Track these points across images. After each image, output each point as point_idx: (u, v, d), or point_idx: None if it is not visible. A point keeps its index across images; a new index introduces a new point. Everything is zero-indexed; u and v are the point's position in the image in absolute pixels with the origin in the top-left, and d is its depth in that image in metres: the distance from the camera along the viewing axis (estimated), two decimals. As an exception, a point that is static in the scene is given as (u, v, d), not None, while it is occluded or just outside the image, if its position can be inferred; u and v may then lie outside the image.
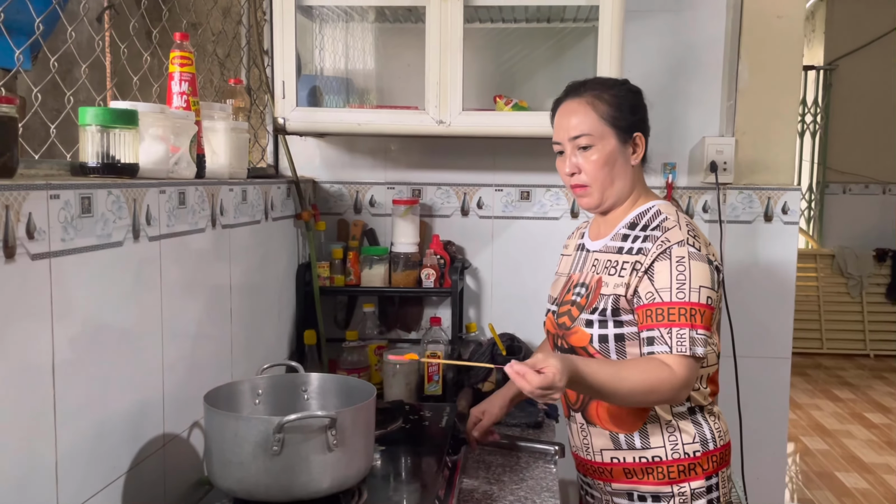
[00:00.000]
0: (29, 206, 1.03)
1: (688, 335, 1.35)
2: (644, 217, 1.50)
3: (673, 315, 1.36)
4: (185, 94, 1.56)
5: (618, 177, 1.48)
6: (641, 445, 1.47)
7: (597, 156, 1.47)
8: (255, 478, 1.23)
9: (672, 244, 1.40)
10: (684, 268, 1.38)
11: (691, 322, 1.35)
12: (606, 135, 1.46)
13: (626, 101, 1.49)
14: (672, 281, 1.38)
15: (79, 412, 1.15)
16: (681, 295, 1.36)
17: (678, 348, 1.35)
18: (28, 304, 1.04)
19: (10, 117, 1.06)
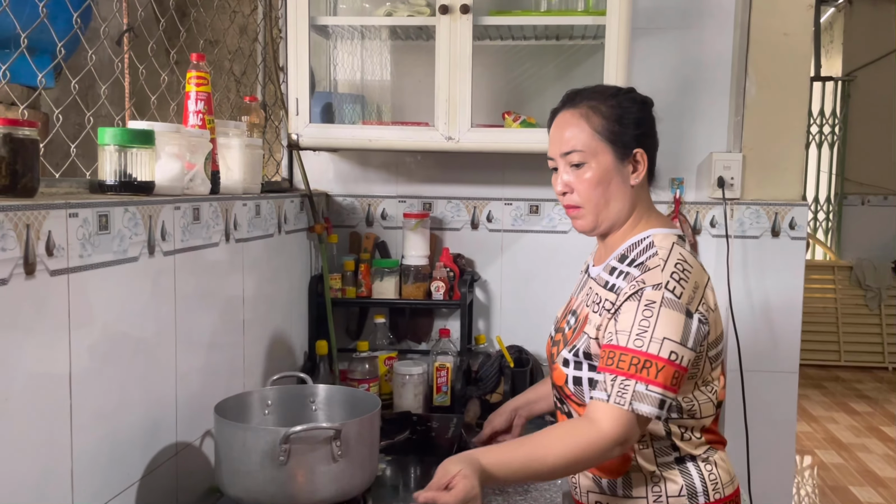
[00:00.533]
0: (49, 225, 1.08)
1: (632, 388, 1.18)
2: (636, 249, 1.32)
3: (623, 362, 1.19)
4: (200, 112, 1.61)
5: (613, 198, 1.32)
6: (624, 494, 1.34)
7: (590, 174, 1.31)
8: (262, 486, 1.28)
9: (646, 286, 1.23)
10: (651, 314, 1.20)
11: (641, 375, 1.18)
12: (601, 151, 1.30)
13: (628, 112, 1.32)
14: (633, 325, 1.21)
15: (94, 421, 1.20)
16: (638, 343, 1.19)
17: (616, 399, 1.19)
18: (47, 318, 1.09)
19: (31, 140, 1.11)
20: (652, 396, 1.18)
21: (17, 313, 1.02)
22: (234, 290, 1.72)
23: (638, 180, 1.33)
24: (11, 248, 1.00)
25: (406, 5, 2.04)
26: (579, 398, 1.34)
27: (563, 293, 2.31)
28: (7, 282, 1.00)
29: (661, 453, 1.32)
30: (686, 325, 1.21)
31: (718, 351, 1.32)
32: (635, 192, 1.35)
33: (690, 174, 2.28)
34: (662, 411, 1.20)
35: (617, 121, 1.31)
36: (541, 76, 2.30)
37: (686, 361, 1.21)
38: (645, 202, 1.38)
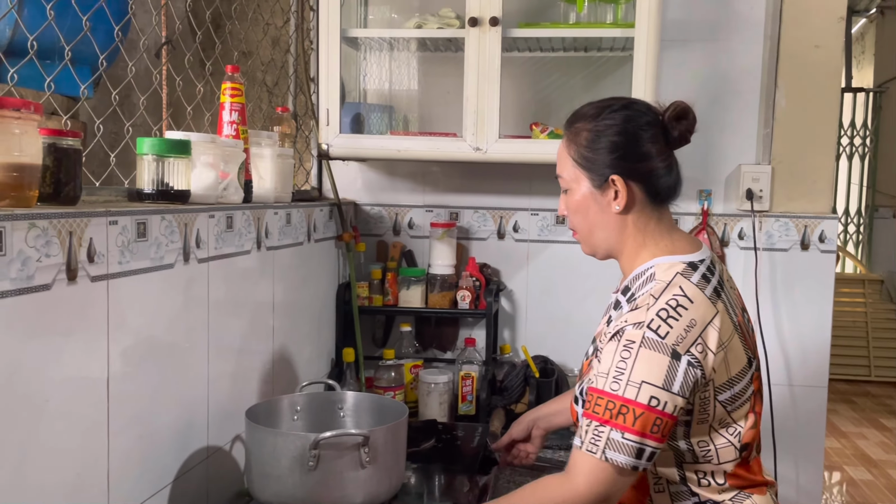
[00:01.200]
0: (90, 232, 1.11)
1: (606, 435, 1.11)
2: (637, 281, 1.24)
3: (599, 407, 1.12)
4: (234, 123, 1.65)
5: (596, 226, 1.27)
6: None
7: (570, 200, 1.29)
8: (291, 491, 1.30)
9: (628, 324, 1.15)
10: (629, 355, 1.12)
11: (615, 421, 1.10)
12: (580, 178, 1.26)
13: (603, 135, 1.23)
14: (611, 368, 1.13)
15: (130, 423, 1.23)
16: (614, 386, 1.12)
17: (588, 446, 1.12)
18: (87, 323, 1.12)
19: (74, 149, 1.15)
20: (628, 445, 1.10)
21: (59, 317, 1.05)
22: (265, 297, 1.75)
23: (619, 208, 1.24)
24: (55, 255, 1.04)
25: (436, 17, 2.07)
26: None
27: (588, 304, 2.34)
28: (50, 287, 1.03)
29: (679, 498, 1.24)
30: (670, 367, 1.11)
31: (735, 393, 1.19)
32: (627, 219, 1.26)
33: (718, 186, 2.27)
34: (641, 461, 1.11)
35: (591, 146, 1.24)
36: (569, 87, 2.31)
37: (672, 408, 1.11)
38: (648, 227, 1.27)
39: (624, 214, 1.25)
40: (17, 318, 0.97)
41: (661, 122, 1.24)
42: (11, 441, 0.97)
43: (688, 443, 1.20)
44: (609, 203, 1.24)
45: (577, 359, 2.32)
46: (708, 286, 1.20)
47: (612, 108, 1.25)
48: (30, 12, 1.71)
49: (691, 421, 1.18)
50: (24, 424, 0.99)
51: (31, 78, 1.60)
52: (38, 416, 1.02)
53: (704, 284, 1.19)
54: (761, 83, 2.23)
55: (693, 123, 1.24)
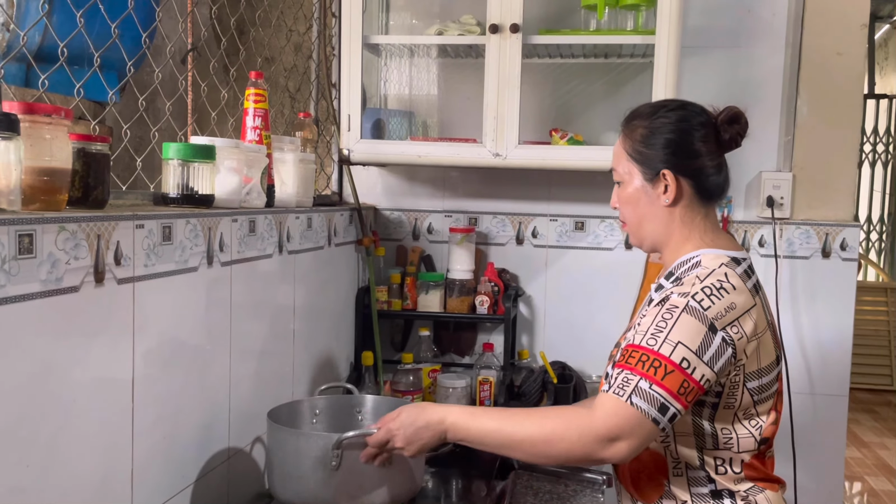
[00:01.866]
0: (117, 235, 1.13)
1: (635, 383, 1.13)
2: (682, 268, 1.29)
3: (633, 359, 1.16)
4: (258, 128, 1.67)
5: (645, 218, 1.33)
6: None
7: (623, 192, 1.35)
8: (313, 491, 1.32)
9: (674, 293, 1.20)
10: (671, 317, 1.17)
11: (647, 372, 1.14)
12: (632, 171, 1.32)
13: (659, 132, 1.29)
14: (651, 326, 1.18)
15: (154, 424, 1.25)
16: (651, 341, 1.15)
17: (616, 390, 1.14)
18: (113, 325, 1.14)
19: (103, 154, 1.17)
20: (654, 397, 1.13)
21: (87, 319, 1.08)
22: (286, 300, 1.77)
23: (668, 201, 1.29)
24: (83, 257, 1.06)
25: (457, 24, 2.08)
26: None
27: (607, 310, 2.34)
28: (78, 289, 1.05)
29: (696, 483, 1.26)
30: (706, 337, 1.16)
31: (763, 384, 1.24)
32: (675, 212, 1.31)
33: (739, 193, 2.26)
34: (663, 418, 1.13)
35: (645, 141, 1.30)
36: (588, 94, 2.32)
37: (700, 376, 1.14)
38: (695, 222, 1.32)
39: (672, 208, 1.30)
40: (46, 320, 0.99)
41: (714, 125, 1.31)
42: (40, 440, 1.00)
43: (712, 426, 1.23)
44: (658, 196, 1.30)
45: (595, 365, 2.33)
46: (749, 281, 1.26)
47: (668, 108, 1.33)
48: (58, 18, 1.75)
49: (718, 404, 1.22)
50: (52, 424, 1.02)
51: (59, 83, 1.63)
52: (65, 415, 1.04)
53: (746, 278, 1.25)
54: (782, 90, 2.22)
55: (745, 128, 1.32)
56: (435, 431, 1.24)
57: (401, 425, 1.25)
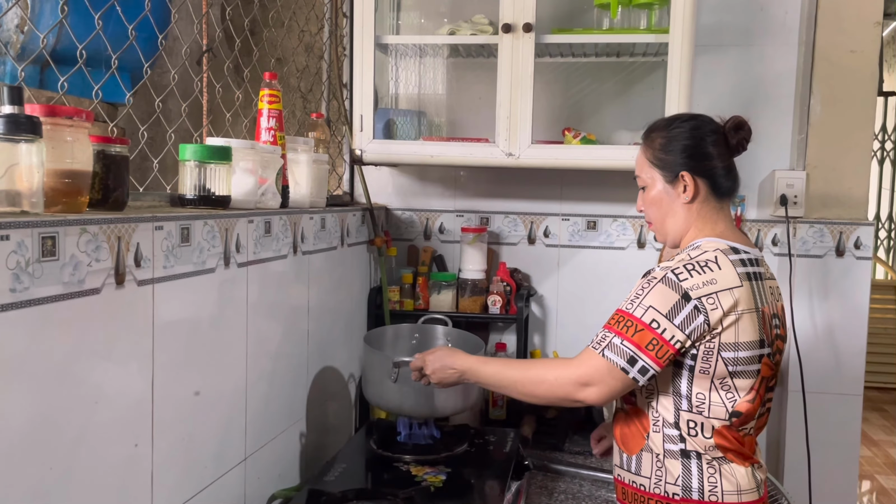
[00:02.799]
0: (137, 237, 1.13)
1: (609, 339, 1.35)
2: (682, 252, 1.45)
3: (612, 320, 1.37)
4: (272, 129, 1.67)
5: (668, 216, 1.49)
6: (635, 470, 1.46)
7: (648, 196, 1.51)
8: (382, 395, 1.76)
9: (658, 267, 1.40)
10: (648, 285, 1.36)
11: (620, 330, 1.34)
12: (655, 176, 1.48)
13: (676, 140, 1.46)
14: (632, 294, 1.38)
15: (173, 425, 1.25)
16: (629, 306, 1.36)
17: (594, 344, 1.37)
18: (134, 326, 1.14)
19: (122, 156, 1.18)
20: (624, 350, 1.33)
21: (108, 321, 1.08)
22: (300, 301, 1.77)
23: (687, 198, 1.46)
24: (104, 259, 1.06)
25: (469, 24, 2.08)
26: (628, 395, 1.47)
27: (620, 309, 2.32)
28: (100, 291, 1.05)
29: (669, 441, 1.41)
30: (677, 304, 1.32)
31: (739, 358, 1.35)
32: (692, 208, 1.47)
33: (752, 192, 2.25)
34: (633, 368, 1.33)
35: (664, 149, 1.47)
36: (600, 93, 2.31)
37: (670, 336, 1.32)
38: (706, 217, 1.47)
39: (690, 205, 1.46)
40: (69, 322, 1.00)
41: (723, 132, 1.46)
42: (62, 442, 1.00)
43: (689, 389, 1.38)
44: (679, 195, 1.46)
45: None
46: (742, 268, 1.38)
47: (681, 119, 1.50)
48: (73, 20, 1.75)
49: (694, 367, 1.36)
50: (75, 426, 1.02)
51: (73, 84, 1.64)
52: (87, 417, 1.04)
53: (739, 264, 1.38)
54: (796, 88, 2.21)
55: (749, 133, 1.47)
56: (455, 371, 1.54)
57: (432, 360, 1.57)
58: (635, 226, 2.34)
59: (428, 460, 1.70)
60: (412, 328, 1.99)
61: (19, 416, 0.92)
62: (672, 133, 1.47)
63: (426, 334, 1.99)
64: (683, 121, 1.49)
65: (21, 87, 0.94)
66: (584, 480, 1.89)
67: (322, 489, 1.47)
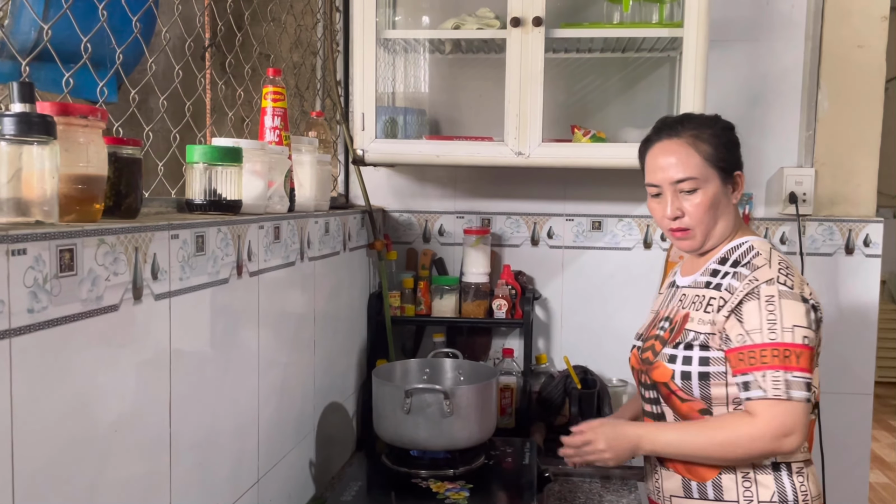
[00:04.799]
0: (154, 247, 1.03)
1: (784, 378, 1.28)
2: (735, 252, 1.44)
3: (766, 357, 1.29)
4: (277, 128, 1.57)
5: (720, 218, 1.44)
6: (714, 496, 1.38)
7: (701, 198, 1.42)
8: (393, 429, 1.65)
9: (761, 283, 1.34)
10: (774, 307, 1.31)
11: (785, 364, 1.28)
12: (711, 177, 1.42)
13: (725, 139, 1.45)
14: (762, 321, 1.31)
15: (190, 447, 1.15)
16: (772, 335, 1.29)
17: (774, 392, 1.28)
18: (151, 343, 1.04)
19: (134, 159, 1.07)
20: (800, 382, 1.28)
21: (127, 339, 0.98)
22: (307, 309, 1.68)
23: (737, 199, 1.48)
24: (122, 273, 0.96)
25: (474, 18, 2.00)
26: (687, 393, 1.40)
27: (626, 312, 2.28)
28: (118, 307, 0.95)
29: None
30: (807, 310, 1.32)
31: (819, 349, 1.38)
32: (735, 209, 1.49)
33: (759, 189, 2.22)
34: (810, 394, 1.29)
35: (718, 147, 1.43)
36: (604, 89, 2.25)
37: (815, 344, 1.33)
38: (739, 218, 1.51)
39: (734, 205, 1.47)
40: (88, 343, 0.90)
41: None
42: (87, 465, 0.90)
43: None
44: (730, 196, 1.46)
45: (615, 368, 2.27)
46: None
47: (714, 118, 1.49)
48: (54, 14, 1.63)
49: None
50: (96, 450, 0.92)
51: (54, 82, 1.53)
52: (108, 440, 0.94)
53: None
54: (803, 84, 2.18)
55: None
56: (630, 442, 1.41)
57: (603, 432, 1.43)
58: (641, 226, 2.29)
59: (447, 476, 1.62)
60: (421, 363, 1.92)
61: (42, 448, 0.82)
62: (724, 130, 1.46)
63: (436, 368, 1.91)
64: (716, 119, 1.49)
65: (32, 83, 0.84)
66: (602, 488, 1.83)
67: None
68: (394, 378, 1.83)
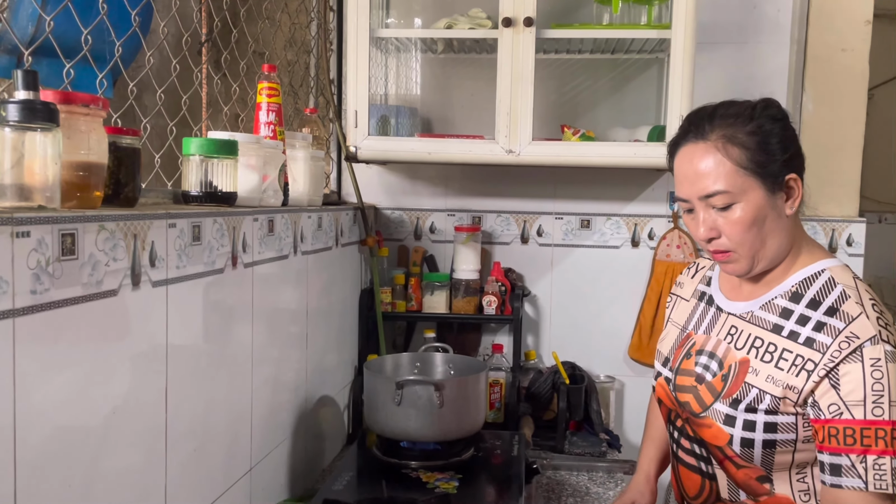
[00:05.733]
0: (152, 235, 1.06)
1: (889, 465, 1.04)
2: (812, 286, 1.15)
3: (868, 438, 1.05)
4: (272, 123, 1.60)
5: (770, 235, 1.14)
6: None
7: (740, 214, 1.13)
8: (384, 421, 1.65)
9: (863, 341, 1.07)
10: (882, 374, 1.05)
11: (894, 448, 1.04)
12: (750, 187, 1.12)
13: (772, 135, 1.14)
14: (867, 392, 1.05)
15: (185, 435, 1.18)
16: (878, 412, 1.05)
17: (877, 483, 1.04)
18: (148, 330, 1.06)
19: (133, 149, 1.10)
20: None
21: (124, 325, 1.00)
22: (299, 303, 1.70)
23: (794, 208, 1.16)
24: (121, 259, 0.98)
25: (466, 18, 2.03)
26: (746, 460, 1.18)
27: (614, 309, 2.31)
28: (117, 292, 0.98)
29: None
30: None
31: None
32: (793, 222, 1.18)
33: (745, 189, 2.25)
34: None
35: (761, 148, 1.12)
36: (594, 90, 2.29)
37: None
38: (800, 231, 1.21)
39: (790, 218, 1.17)
40: (88, 326, 0.92)
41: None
42: (82, 456, 0.92)
43: None
44: (783, 207, 1.15)
45: (602, 364, 2.30)
46: None
47: (759, 106, 1.18)
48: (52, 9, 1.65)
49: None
50: (94, 437, 0.94)
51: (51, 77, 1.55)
52: (107, 420, 0.96)
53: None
54: (788, 86, 2.23)
55: None
56: None
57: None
58: (629, 224, 2.32)
59: (436, 466, 1.64)
60: (412, 357, 1.92)
61: (44, 427, 0.84)
62: (765, 124, 1.15)
63: (427, 362, 1.91)
64: (764, 107, 1.18)
65: (36, 71, 0.86)
66: (589, 480, 1.86)
67: (337, 499, 1.40)
68: (385, 371, 1.84)
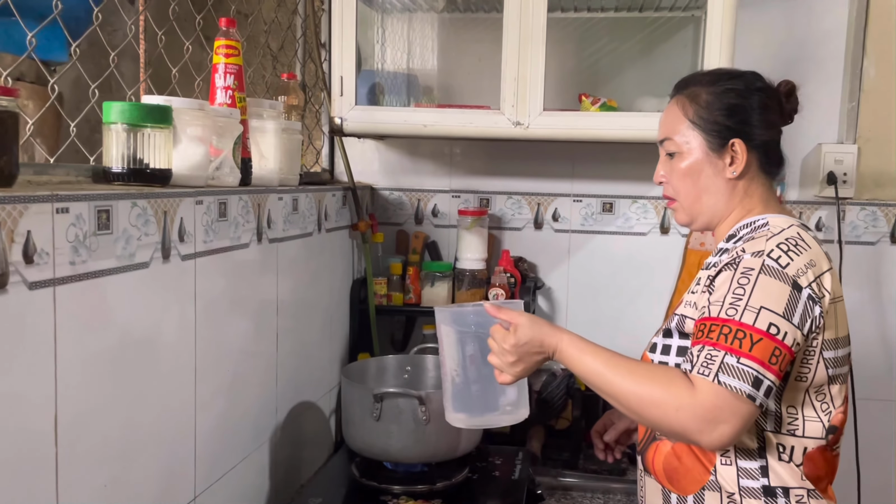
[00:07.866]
0: (27, 223, 0.82)
1: (720, 359, 1.04)
2: (746, 228, 1.22)
3: (713, 333, 1.06)
4: (230, 88, 1.36)
5: (705, 191, 1.23)
6: None
7: (680, 164, 1.24)
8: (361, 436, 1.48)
9: (745, 254, 1.11)
10: (747, 281, 1.08)
11: (732, 346, 1.04)
12: (693, 140, 1.22)
13: (723, 98, 1.22)
14: (727, 294, 1.08)
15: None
16: (731, 311, 1.06)
17: (700, 369, 1.05)
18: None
19: (9, 113, 0.86)
20: (745, 371, 1.03)
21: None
22: (268, 297, 1.47)
23: (735, 173, 1.22)
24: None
25: (469, -31, 1.76)
26: None
27: (639, 304, 2.06)
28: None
29: (746, 475, 1.14)
30: (791, 297, 1.07)
31: (838, 357, 1.14)
32: (738, 185, 1.24)
33: (794, 169, 1.98)
34: (759, 393, 1.03)
35: (708, 108, 1.22)
36: (620, 53, 2.02)
37: (791, 340, 1.06)
38: (756, 194, 1.25)
39: (736, 181, 1.23)
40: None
41: (778, 95, 1.25)
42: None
43: (777, 405, 1.13)
44: (724, 168, 1.22)
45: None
46: (822, 246, 1.18)
47: (731, 75, 1.26)
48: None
49: (789, 374, 1.12)
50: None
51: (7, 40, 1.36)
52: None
53: (819, 243, 1.18)
54: (846, 49, 1.93)
55: (797, 104, 1.27)
56: (543, 357, 1.16)
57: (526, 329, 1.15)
58: (658, 208, 2.05)
59: (422, 492, 1.41)
60: (402, 360, 1.67)
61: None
62: (722, 89, 1.23)
63: (418, 366, 1.68)
64: (734, 76, 1.25)
65: None
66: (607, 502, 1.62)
67: (291, 541, 1.18)
68: (367, 378, 1.61)
